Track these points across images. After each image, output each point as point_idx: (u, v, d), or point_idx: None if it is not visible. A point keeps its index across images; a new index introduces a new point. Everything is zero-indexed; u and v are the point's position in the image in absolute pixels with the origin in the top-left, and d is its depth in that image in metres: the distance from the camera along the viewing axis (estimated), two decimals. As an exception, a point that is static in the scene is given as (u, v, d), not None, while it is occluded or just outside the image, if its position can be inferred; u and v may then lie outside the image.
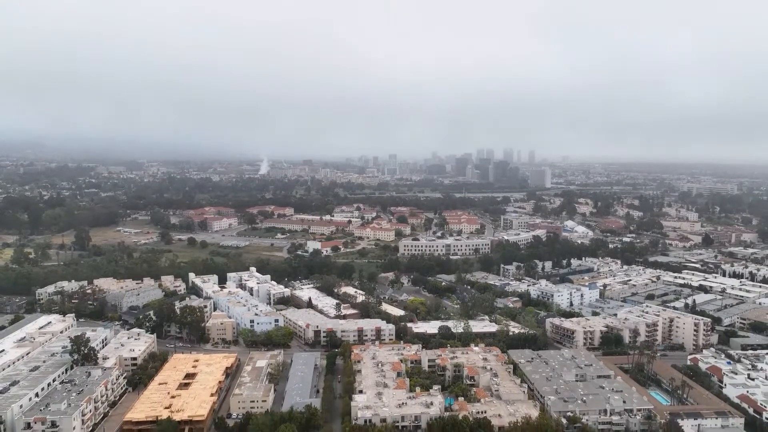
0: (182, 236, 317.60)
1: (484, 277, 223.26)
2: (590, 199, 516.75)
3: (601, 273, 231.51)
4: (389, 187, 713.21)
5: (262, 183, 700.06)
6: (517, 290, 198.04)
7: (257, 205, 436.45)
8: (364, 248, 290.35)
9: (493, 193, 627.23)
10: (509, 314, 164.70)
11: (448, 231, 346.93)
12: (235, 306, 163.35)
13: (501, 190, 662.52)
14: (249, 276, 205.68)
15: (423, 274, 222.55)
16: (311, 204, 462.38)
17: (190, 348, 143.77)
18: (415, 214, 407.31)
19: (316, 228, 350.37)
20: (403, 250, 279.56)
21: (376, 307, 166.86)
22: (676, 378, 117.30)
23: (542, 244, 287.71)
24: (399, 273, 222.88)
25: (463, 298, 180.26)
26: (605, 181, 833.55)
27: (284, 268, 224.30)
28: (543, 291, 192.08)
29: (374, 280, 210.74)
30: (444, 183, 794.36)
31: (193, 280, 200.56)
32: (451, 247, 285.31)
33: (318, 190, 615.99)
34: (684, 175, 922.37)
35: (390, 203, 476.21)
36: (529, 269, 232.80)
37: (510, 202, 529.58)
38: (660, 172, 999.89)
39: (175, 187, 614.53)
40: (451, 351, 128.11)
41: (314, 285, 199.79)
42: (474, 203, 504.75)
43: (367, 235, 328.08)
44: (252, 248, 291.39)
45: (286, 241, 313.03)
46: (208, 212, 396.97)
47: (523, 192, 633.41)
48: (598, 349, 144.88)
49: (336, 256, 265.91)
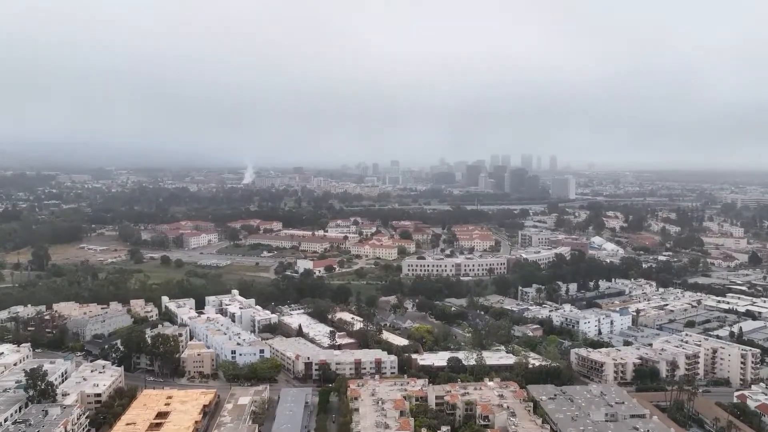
0: (155, 254, 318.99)
1: (500, 301, 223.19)
2: (620, 212, 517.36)
3: (634, 297, 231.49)
4: (391, 198, 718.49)
5: (246, 194, 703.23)
6: (537, 316, 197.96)
7: (240, 219, 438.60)
8: (362, 268, 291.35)
9: (510, 204, 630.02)
10: (529, 344, 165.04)
11: (458, 248, 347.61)
12: (215, 334, 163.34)
13: (519, 202, 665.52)
14: (230, 300, 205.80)
15: (429, 297, 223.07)
16: (302, 217, 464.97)
17: (162, 383, 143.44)
18: (421, 228, 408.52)
19: (307, 245, 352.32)
20: (406, 271, 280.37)
21: (375, 336, 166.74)
22: (721, 418, 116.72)
23: (566, 264, 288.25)
24: (402, 296, 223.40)
25: (475, 326, 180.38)
26: (637, 192, 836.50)
27: (271, 291, 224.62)
28: (567, 317, 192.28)
29: (374, 305, 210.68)
30: (453, 193, 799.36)
31: (167, 305, 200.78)
32: (462, 267, 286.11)
33: (310, 202, 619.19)
34: (727, 185, 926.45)
35: (392, 216, 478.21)
36: (551, 292, 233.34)
37: (529, 215, 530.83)
38: (699, 181, 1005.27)
39: (147, 198, 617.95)
40: (462, 386, 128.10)
41: (305, 310, 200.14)
42: (488, 216, 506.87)
43: (365, 253, 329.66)
44: (234, 268, 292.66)
45: (273, 259, 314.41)
46: (184, 227, 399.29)
47: (544, 204, 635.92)
48: (630, 384, 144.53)
49: (330, 277, 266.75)
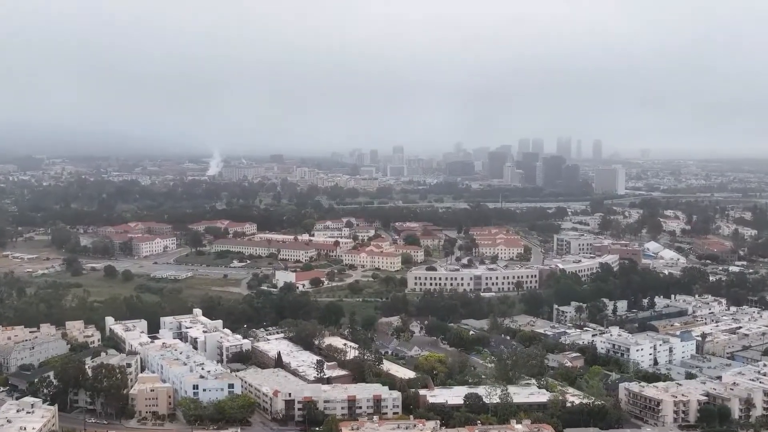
0: (96, 264, 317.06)
1: (530, 323, 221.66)
2: (681, 212, 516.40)
3: (699, 317, 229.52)
4: (394, 193, 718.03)
5: (211, 188, 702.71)
6: (577, 342, 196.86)
7: (205, 220, 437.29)
8: (357, 281, 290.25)
9: (543, 202, 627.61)
10: (566, 377, 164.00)
11: (477, 257, 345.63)
12: (172, 365, 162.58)
13: (554, 198, 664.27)
14: (192, 322, 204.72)
15: (442, 318, 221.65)
16: (282, 218, 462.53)
17: (106, 425, 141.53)
18: (431, 232, 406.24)
19: (288, 252, 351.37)
20: (413, 285, 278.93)
21: (374, 367, 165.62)
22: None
23: (613, 276, 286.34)
24: (407, 317, 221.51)
25: (499, 354, 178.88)
26: (702, 186, 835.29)
27: (243, 311, 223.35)
28: (615, 343, 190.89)
29: (372, 328, 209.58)
30: (472, 188, 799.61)
31: (112, 328, 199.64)
32: (483, 280, 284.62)
33: (292, 198, 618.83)
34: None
35: (395, 217, 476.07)
36: (594, 312, 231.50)
37: (567, 214, 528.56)
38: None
39: (87, 193, 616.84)
40: (482, 430, 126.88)
41: (286, 335, 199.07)
42: (515, 217, 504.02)
43: (361, 263, 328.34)
44: (197, 281, 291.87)
45: (246, 270, 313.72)
46: (134, 230, 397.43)
47: (586, 201, 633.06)
48: (694, 427, 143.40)
49: (317, 293, 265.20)
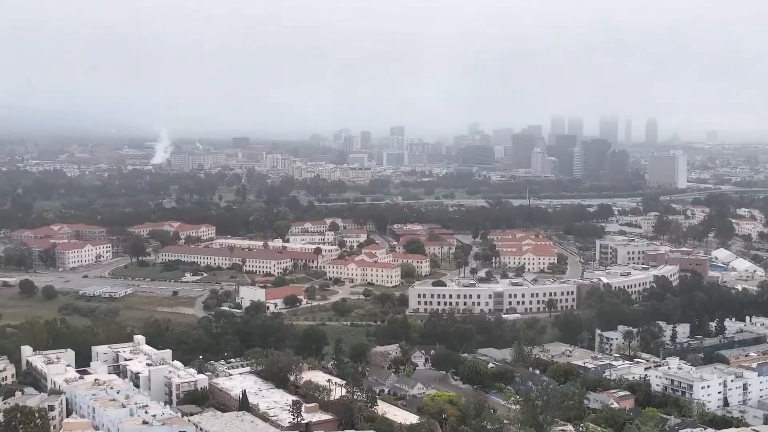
0: (9, 278, 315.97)
1: (566, 352, 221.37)
2: (759, 210, 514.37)
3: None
4: (391, 187, 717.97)
5: (158, 181, 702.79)
6: (626, 378, 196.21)
7: (149, 222, 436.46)
8: (344, 300, 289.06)
9: (582, 198, 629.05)
10: (612, 422, 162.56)
11: (498, 268, 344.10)
12: (107, 407, 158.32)
13: (596, 193, 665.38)
14: (133, 352, 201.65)
15: (453, 347, 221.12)
16: (248, 219, 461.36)
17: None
18: (439, 237, 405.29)
19: (256, 263, 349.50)
20: (416, 304, 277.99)
21: (366, 410, 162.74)
22: None
23: (672, 293, 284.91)
24: (409, 346, 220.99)
25: (527, 393, 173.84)
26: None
27: (198, 338, 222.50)
28: (674, 379, 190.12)
29: (364, 359, 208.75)
30: (491, 180, 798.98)
31: (30, 360, 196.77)
32: (506, 298, 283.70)
33: (261, 194, 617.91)
34: None
35: (393, 217, 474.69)
36: (647, 339, 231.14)
37: (613, 214, 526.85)
38: None
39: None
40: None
41: (253, 368, 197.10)
42: (547, 217, 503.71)
43: (350, 276, 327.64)
44: (139, 300, 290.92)
45: (202, 286, 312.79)
46: (57, 234, 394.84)
47: (637, 196, 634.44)
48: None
49: (293, 315, 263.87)
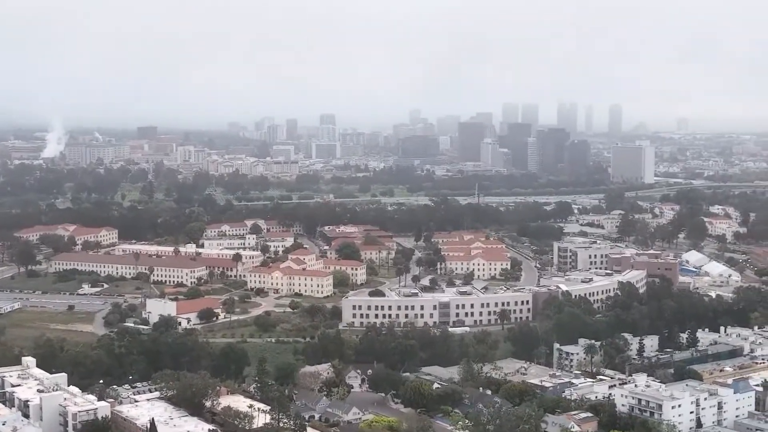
0: None
1: (521, 370, 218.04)
2: (734, 208, 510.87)
3: (758, 357, 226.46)
4: (322, 183, 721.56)
5: (50, 177, 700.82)
6: (588, 397, 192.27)
7: (40, 225, 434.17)
8: (268, 313, 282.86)
9: (538, 195, 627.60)
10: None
11: (444, 275, 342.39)
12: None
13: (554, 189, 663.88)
14: (22, 377, 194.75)
15: (393, 366, 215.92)
16: (155, 221, 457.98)
17: None
18: (377, 240, 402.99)
19: (166, 272, 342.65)
20: (351, 317, 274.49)
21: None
22: None
23: (638, 301, 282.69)
24: (343, 365, 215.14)
25: (477, 416, 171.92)
26: (764, 170, 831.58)
27: (98, 360, 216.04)
28: (641, 398, 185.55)
29: (291, 381, 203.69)
30: (436, 175, 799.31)
31: None
32: (453, 309, 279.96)
33: (170, 192, 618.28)
34: None
35: (324, 218, 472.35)
36: (612, 353, 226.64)
37: (572, 213, 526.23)
38: None
39: None
40: None
41: (162, 393, 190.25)
42: (498, 216, 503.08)
43: (275, 286, 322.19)
44: (27, 316, 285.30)
45: (102, 299, 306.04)
46: None
47: (599, 193, 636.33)
48: None
49: (209, 331, 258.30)
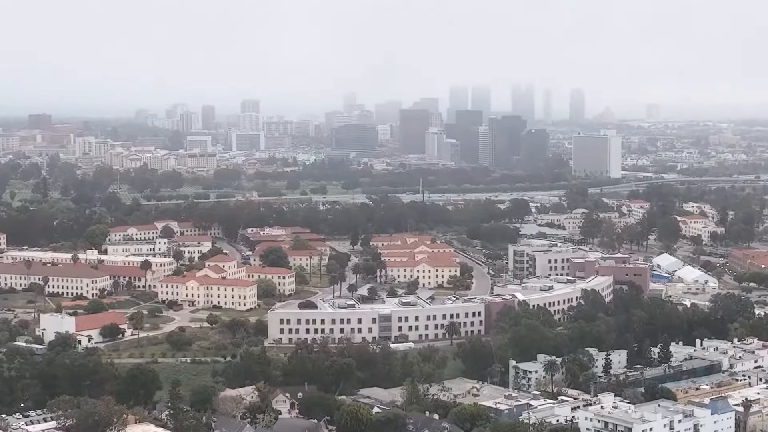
0: None
1: (473, 391, 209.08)
2: (710, 205, 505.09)
3: (739, 374, 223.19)
4: (244, 179, 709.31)
5: None
6: (548, 420, 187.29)
7: None
8: (182, 329, 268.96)
9: (491, 191, 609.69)
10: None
11: (384, 284, 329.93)
12: None
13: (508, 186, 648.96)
14: None
15: (326, 388, 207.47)
16: (51, 223, 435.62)
17: None
18: (307, 244, 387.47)
19: (63, 281, 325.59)
20: (278, 333, 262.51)
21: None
22: None
23: (604, 312, 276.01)
24: (269, 388, 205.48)
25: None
26: (743, 163, 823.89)
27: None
28: (608, 421, 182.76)
29: (209, 407, 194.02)
30: (374, 169, 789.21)
31: None
32: (394, 323, 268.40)
33: (68, 190, 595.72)
34: None
35: (246, 219, 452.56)
36: (575, 371, 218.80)
37: (530, 212, 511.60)
38: None
39: None
40: None
41: (60, 423, 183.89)
42: (446, 216, 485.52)
43: (190, 297, 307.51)
44: None
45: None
46: None
47: (559, 189, 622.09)
48: None
49: (115, 350, 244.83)
